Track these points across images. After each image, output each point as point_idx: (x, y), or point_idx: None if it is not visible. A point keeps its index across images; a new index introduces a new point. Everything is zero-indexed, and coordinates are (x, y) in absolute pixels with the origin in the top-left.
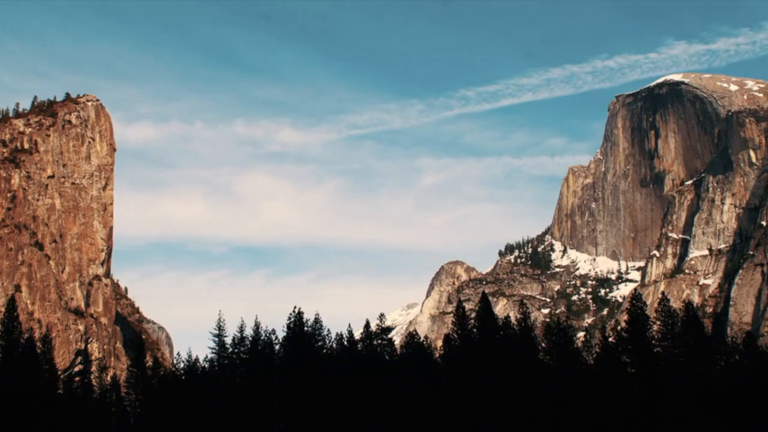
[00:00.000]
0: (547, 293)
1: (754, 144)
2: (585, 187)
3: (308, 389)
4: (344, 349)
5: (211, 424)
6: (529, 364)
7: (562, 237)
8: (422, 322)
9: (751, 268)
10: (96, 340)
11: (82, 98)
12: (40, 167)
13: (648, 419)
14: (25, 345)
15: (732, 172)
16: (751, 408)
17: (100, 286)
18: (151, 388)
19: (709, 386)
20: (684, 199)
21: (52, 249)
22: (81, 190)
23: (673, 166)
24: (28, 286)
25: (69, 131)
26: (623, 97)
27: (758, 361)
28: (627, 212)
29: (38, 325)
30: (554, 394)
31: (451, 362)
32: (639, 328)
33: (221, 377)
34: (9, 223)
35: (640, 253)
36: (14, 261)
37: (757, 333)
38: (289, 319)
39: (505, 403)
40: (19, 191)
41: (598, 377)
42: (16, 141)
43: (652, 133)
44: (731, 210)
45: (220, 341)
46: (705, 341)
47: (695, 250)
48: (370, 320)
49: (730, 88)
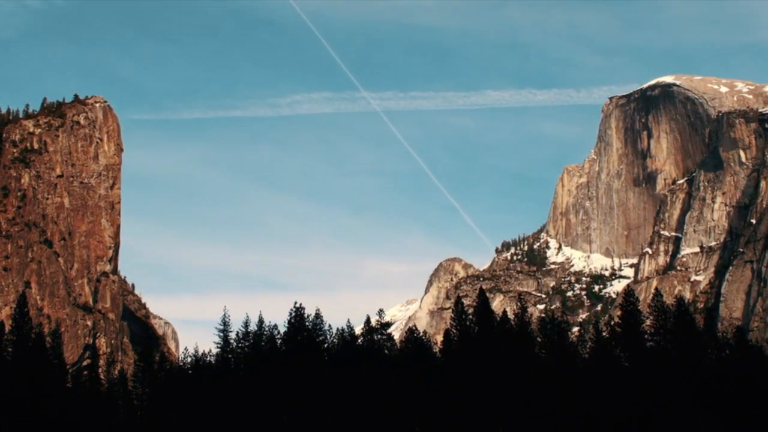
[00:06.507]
0: (543, 289)
1: (744, 144)
2: (579, 186)
3: (310, 383)
4: (345, 343)
5: (216, 417)
6: (526, 358)
7: (557, 235)
8: (421, 317)
9: (741, 265)
10: (104, 335)
11: (90, 99)
12: (49, 167)
13: (640, 411)
14: (35, 340)
15: (722, 171)
16: (741, 400)
17: (108, 282)
18: (158, 381)
19: (701, 379)
20: (676, 198)
21: (61, 246)
22: (89, 189)
23: (665, 166)
24: (38, 283)
25: (77, 132)
26: (617, 98)
27: (748, 355)
28: (620, 210)
29: (48, 321)
30: (549, 386)
31: (450, 356)
32: (632, 324)
33: (226, 371)
34: (19, 221)
35: (633, 251)
36: (24, 258)
37: (746, 328)
38: (290, 314)
39: (501, 395)
40: (29, 190)
41: (592, 371)
42: (26, 141)
43: (644, 133)
44: (722, 208)
45: (225, 336)
46: (696, 336)
47: (687, 248)
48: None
49: (721, 90)
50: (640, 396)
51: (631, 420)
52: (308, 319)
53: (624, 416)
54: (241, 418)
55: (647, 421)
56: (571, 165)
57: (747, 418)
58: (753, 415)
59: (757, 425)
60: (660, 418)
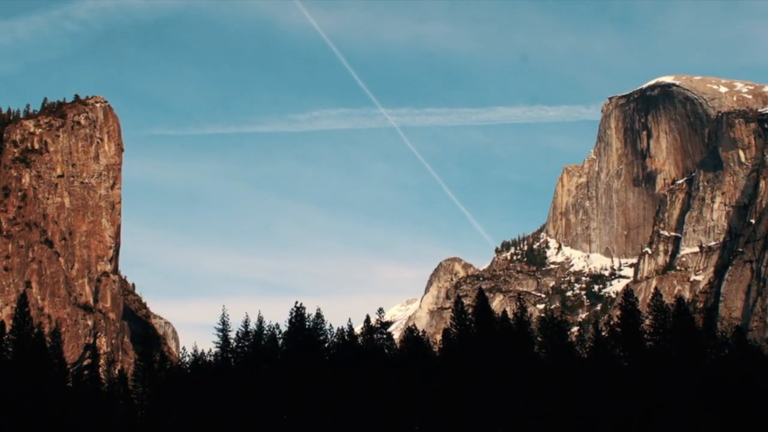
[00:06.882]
0: (543, 289)
1: (744, 144)
2: (579, 186)
3: (310, 382)
4: (345, 343)
5: (216, 417)
6: (525, 357)
7: (557, 234)
8: (421, 317)
9: (741, 265)
10: (104, 335)
11: (90, 99)
12: (49, 167)
13: (640, 411)
14: (36, 339)
15: (722, 171)
16: (740, 400)
17: (108, 282)
18: (158, 381)
19: (700, 379)
20: (675, 198)
21: (62, 246)
22: (89, 189)
23: (665, 166)
24: (39, 283)
25: (78, 132)
26: (616, 98)
27: (747, 355)
28: (620, 210)
29: (48, 320)
30: (549, 386)
31: (449, 356)
32: (631, 323)
33: (226, 371)
34: (20, 221)
35: (632, 250)
36: (25, 258)
37: (746, 328)
38: (291, 313)
39: (501, 395)
40: (30, 190)
41: (591, 370)
42: (26, 141)
43: (644, 133)
44: (721, 208)
45: (225, 336)
46: (696, 336)
47: (686, 248)
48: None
49: (720, 90)
50: (639, 396)
51: (631, 420)
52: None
53: (623, 416)
54: (241, 417)
55: (647, 420)
56: (570, 165)
57: (746, 417)
58: (752, 414)
59: (757, 425)
60: (659, 418)
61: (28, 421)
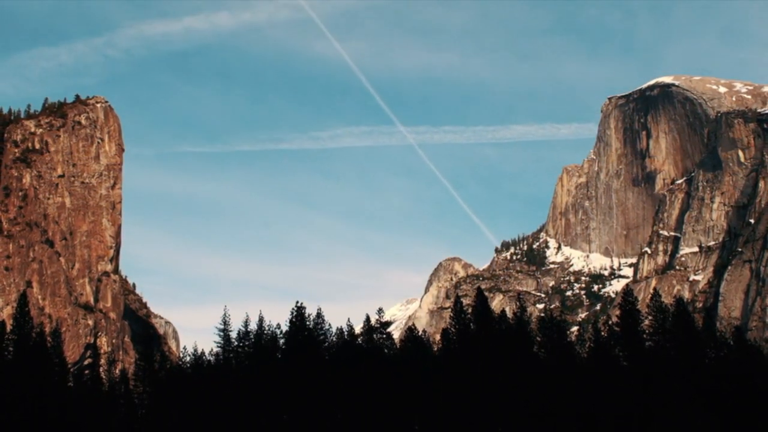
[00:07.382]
0: (542, 289)
1: (743, 144)
2: (579, 186)
3: (310, 382)
4: (345, 342)
5: (216, 416)
6: (525, 357)
7: (556, 234)
8: (421, 316)
9: (740, 265)
10: (105, 335)
11: (91, 100)
12: (50, 167)
13: (639, 410)
14: (36, 339)
15: (721, 171)
16: (739, 400)
17: (109, 282)
18: (159, 381)
19: (699, 379)
20: (675, 198)
21: (63, 246)
22: (90, 189)
23: (664, 166)
24: (39, 282)
25: (78, 132)
26: (616, 98)
27: (746, 354)
28: (619, 210)
29: (49, 320)
30: (549, 386)
31: (449, 355)
32: (631, 323)
33: (226, 370)
34: (21, 221)
35: (632, 250)
36: (26, 258)
37: (745, 327)
38: (291, 314)
39: (501, 395)
40: (31, 190)
41: (591, 370)
42: (27, 141)
43: (643, 133)
44: (720, 208)
45: (226, 336)
46: (695, 335)
47: (685, 247)
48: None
49: (720, 90)
50: (639, 395)
51: (630, 419)
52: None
53: (623, 416)
54: (242, 417)
55: (646, 420)
56: (570, 165)
57: (746, 417)
58: (752, 414)
59: (756, 425)
60: (659, 418)
61: (28, 421)
